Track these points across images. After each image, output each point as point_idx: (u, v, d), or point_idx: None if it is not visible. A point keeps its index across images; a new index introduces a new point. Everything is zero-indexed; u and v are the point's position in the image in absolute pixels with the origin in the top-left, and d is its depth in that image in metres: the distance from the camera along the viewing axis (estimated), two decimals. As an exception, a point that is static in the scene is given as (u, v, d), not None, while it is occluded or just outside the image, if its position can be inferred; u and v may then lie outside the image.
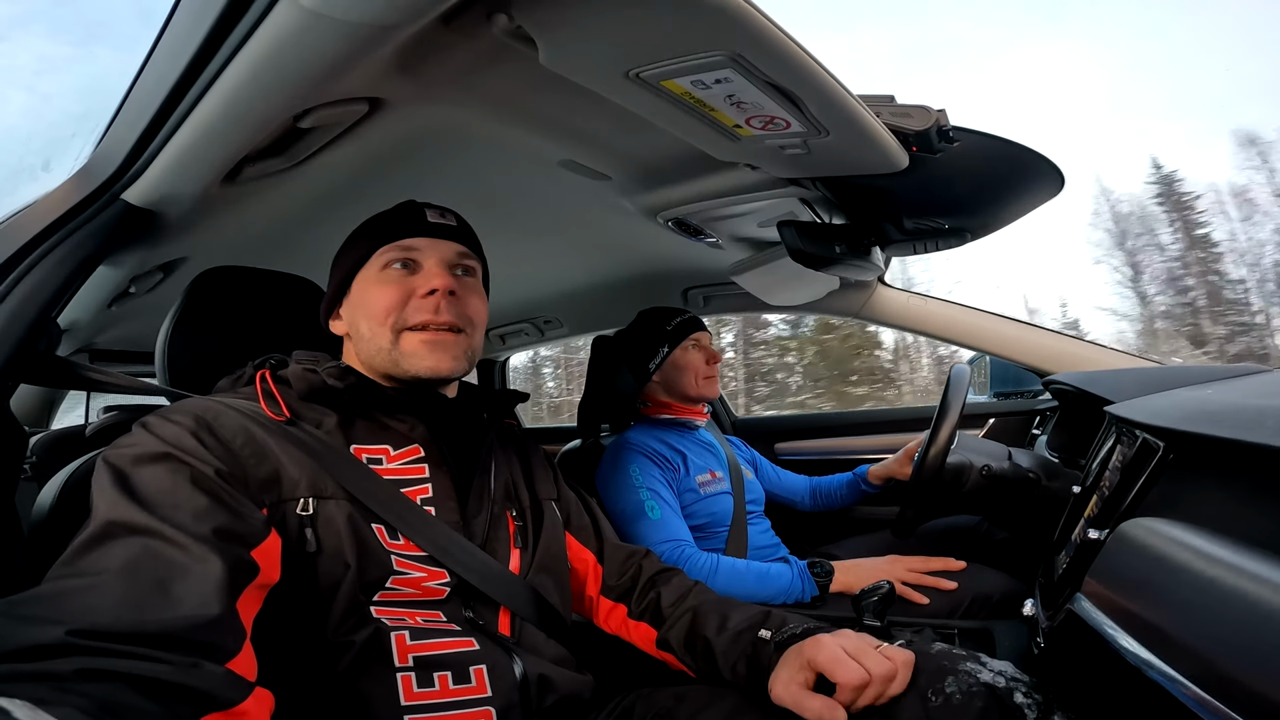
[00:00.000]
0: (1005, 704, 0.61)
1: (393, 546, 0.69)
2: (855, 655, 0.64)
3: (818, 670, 0.66)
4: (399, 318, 0.77)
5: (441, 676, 0.66)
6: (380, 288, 0.79)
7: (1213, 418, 0.63)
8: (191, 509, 0.57)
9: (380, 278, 0.79)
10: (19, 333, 0.73)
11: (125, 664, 0.45)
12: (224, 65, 0.62)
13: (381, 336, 0.77)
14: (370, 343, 0.78)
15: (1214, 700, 0.41)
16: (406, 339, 0.77)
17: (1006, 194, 1.11)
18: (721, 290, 1.84)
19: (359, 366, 0.82)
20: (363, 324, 0.79)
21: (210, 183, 0.81)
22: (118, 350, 1.74)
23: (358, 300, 0.81)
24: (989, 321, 1.69)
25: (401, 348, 0.77)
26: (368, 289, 0.79)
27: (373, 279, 0.80)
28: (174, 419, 0.64)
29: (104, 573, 0.51)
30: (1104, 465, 0.83)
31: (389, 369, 0.78)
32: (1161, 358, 1.60)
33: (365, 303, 0.79)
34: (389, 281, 0.79)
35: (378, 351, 0.78)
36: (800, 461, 2.02)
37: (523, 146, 0.99)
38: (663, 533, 1.24)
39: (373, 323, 0.78)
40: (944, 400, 1.18)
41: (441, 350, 0.78)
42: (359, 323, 0.80)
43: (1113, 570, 0.60)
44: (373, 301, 0.78)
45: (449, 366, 0.78)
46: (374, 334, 0.78)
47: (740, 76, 0.70)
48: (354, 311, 0.81)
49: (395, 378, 0.79)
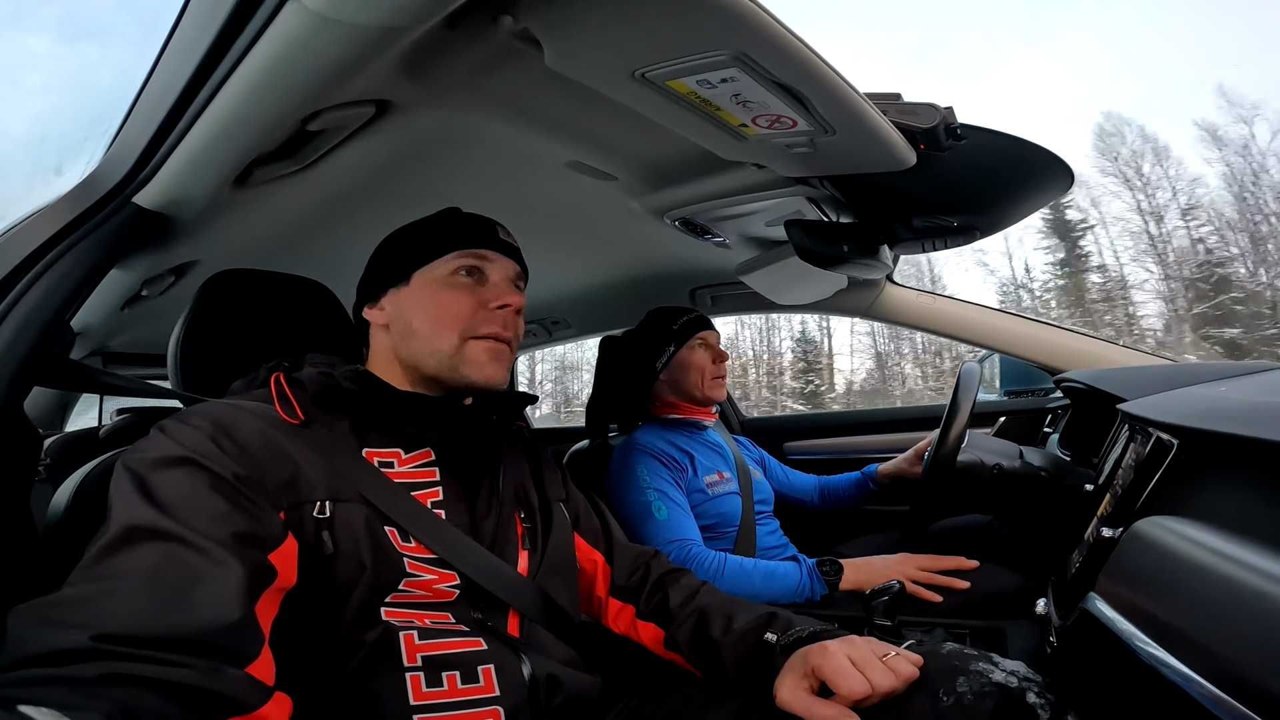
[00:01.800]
0: (1018, 704, 0.60)
1: (405, 549, 0.69)
2: (860, 666, 0.64)
3: (821, 678, 0.65)
4: (468, 325, 0.79)
5: (450, 676, 0.66)
6: (452, 292, 0.79)
7: (1227, 415, 0.63)
8: (211, 513, 0.57)
9: (451, 282, 0.80)
10: (33, 336, 0.74)
11: (148, 669, 0.46)
12: (232, 69, 0.63)
13: (446, 340, 0.78)
14: (427, 342, 0.79)
15: (1231, 699, 0.40)
16: (472, 347, 0.79)
17: (1015, 191, 1.11)
18: (729, 290, 1.83)
19: (386, 361, 0.82)
20: (421, 322, 0.79)
21: (220, 185, 0.82)
22: (130, 353, 1.75)
23: (419, 297, 0.80)
24: (999, 319, 1.68)
25: (465, 354, 0.78)
26: (437, 290, 0.80)
27: (442, 280, 0.80)
28: (192, 423, 0.64)
29: (126, 577, 0.51)
30: (1117, 463, 0.83)
31: (441, 372, 0.79)
32: (1175, 355, 1.59)
33: (432, 303, 0.79)
34: (460, 288, 0.80)
35: (433, 353, 0.78)
36: (809, 461, 2.01)
37: (529, 148, 0.99)
38: (670, 532, 1.24)
39: (439, 325, 0.78)
40: (954, 398, 1.18)
41: (499, 362, 0.80)
42: (413, 319, 0.79)
43: (1127, 569, 0.60)
44: (444, 304, 0.79)
45: (502, 378, 0.81)
46: (436, 336, 0.78)
47: (746, 76, 0.70)
48: (410, 307, 0.80)
49: (442, 381, 0.80)
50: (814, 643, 0.71)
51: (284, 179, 0.88)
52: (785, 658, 0.72)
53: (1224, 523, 0.52)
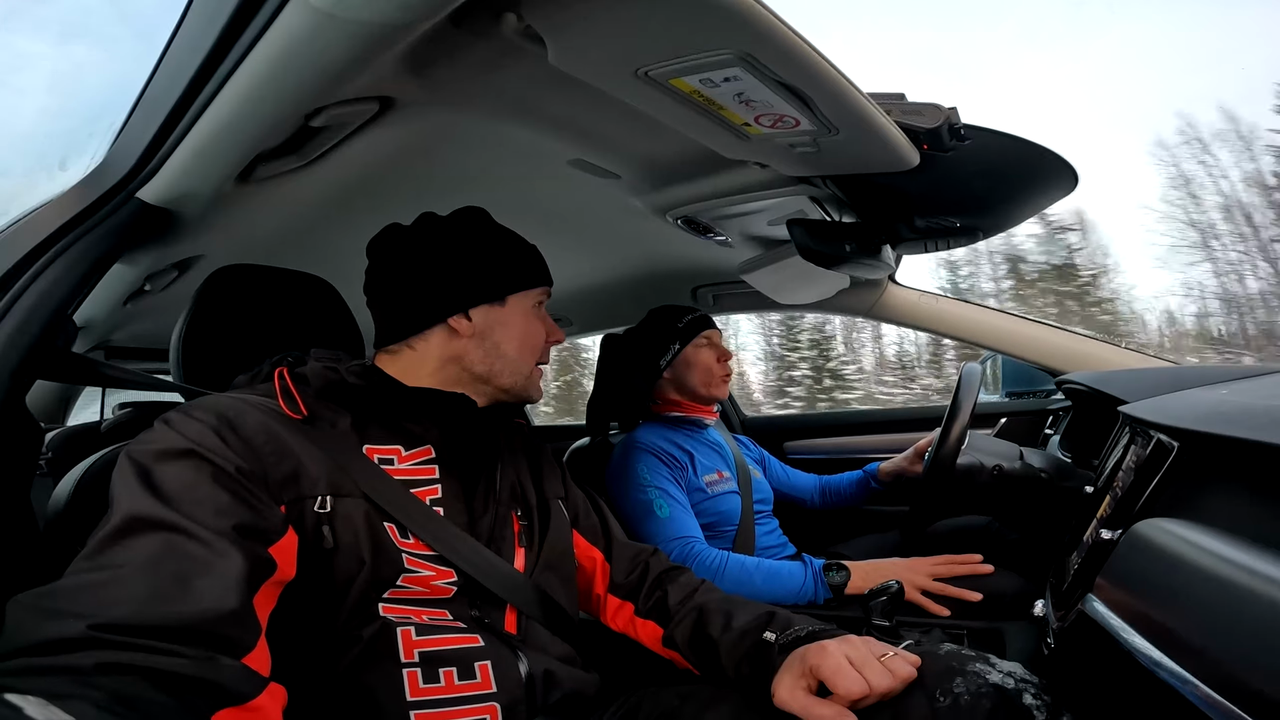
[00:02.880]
0: (1014, 705, 0.60)
1: (403, 545, 0.69)
2: (858, 666, 0.64)
3: (819, 678, 0.65)
4: (541, 355, 0.89)
5: (447, 672, 0.67)
6: (537, 324, 0.88)
7: (1227, 418, 0.63)
8: (213, 505, 0.57)
9: (537, 313, 0.89)
10: (36, 329, 0.74)
11: (143, 657, 0.46)
12: (236, 65, 0.63)
13: (527, 364, 0.87)
14: (513, 364, 0.85)
15: (1226, 702, 0.40)
16: (536, 372, 0.89)
17: (1019, 192, 1.10)
18: (731, 289, 1.83)
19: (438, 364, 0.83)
20: (510, 344, 0.85)
21: (224, 181, 0.82)
22: (133, 347, 1.75)
23: (513, 321, 0.85)
24: (1001, 320, 1.68)
25: (532, 378, 0.88)
26: (529, 318, 0.87)
27: (531, 311, 0.88)
28: (197, 416, 0.64)
29: (126, 566, 0.51)
30: (1117, 465, 0.83)
31: (514, 387, 0.86)
32: (1176, 357, 1.59)
33: (524, 330, 0.86)
34: (539, 320, 0.89)
35: (514, 372, 0.85)
36: (810, 460, 2.01)
37: (532, 146, 0.99)
38: (672, 530, 1.24)
39: (525, 351, 0.86)
40: (955, 399, 1.18)
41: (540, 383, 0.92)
42: (503, 339, 0.84)
43: (1125, 571, 0.60)
44: (532, 335, 0.87)
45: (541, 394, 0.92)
46: (522, 360, 0.86)
47: (749, 75, 0.70)
48: (500, 326, 0.84)
49: (511, 393, 0.87)
50: (812, 642, 0.71)
51: (287, 175, 0.88)
52: (783, 657, 0.72)
53: (1223, 526, 0.52)
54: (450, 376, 0.83)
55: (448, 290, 0.82)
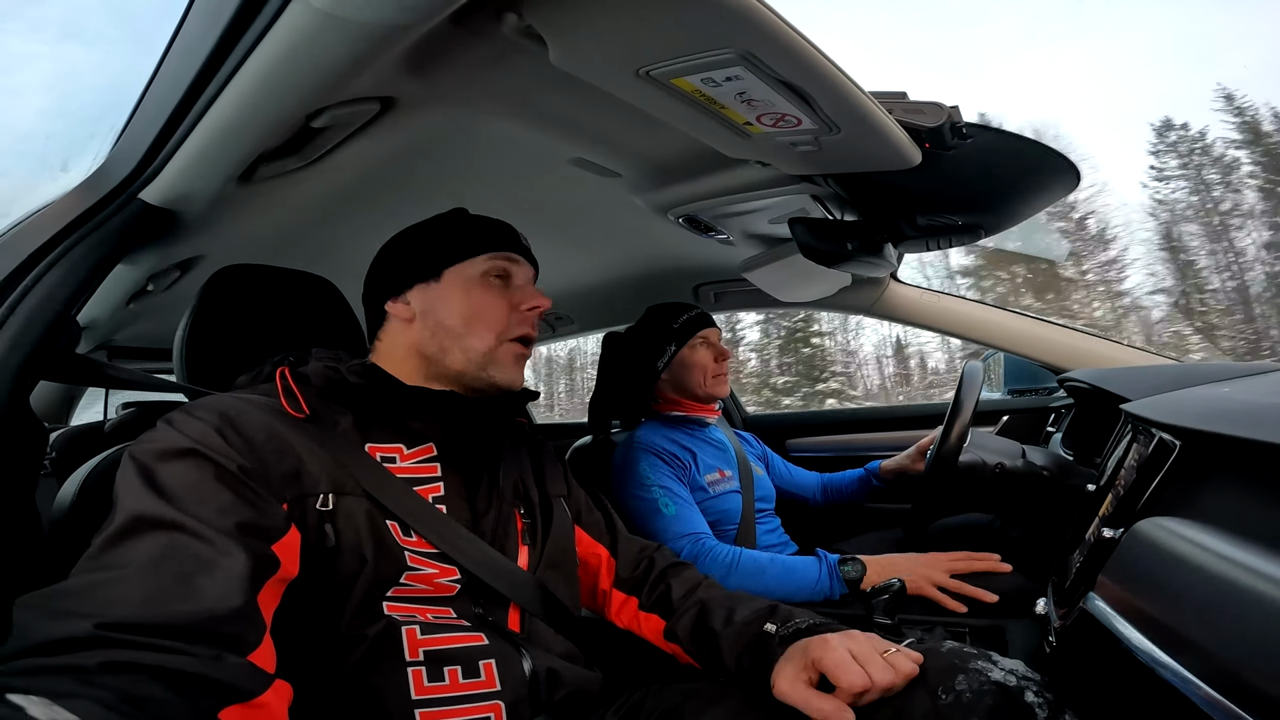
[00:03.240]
0: (1016, 703, 0.60)
1: (406, 543, 0.69)
2: (861, 660, 0.65)
3: (821, 671, 0.66)
4: (505, 328, 0.81)
5: (451, 671, 0.67)
6: (487, 294, 0.81)
7: (1230, 416, 0.63)
8: (216, 504, 0.58)
9: (485, 283, 0.82)
10: (39, 330, 0.74)
11: (149, 656, 0.46)
12: (238, 66, 0.63)
13: (482, 340, 0.80)
14: (459, 340, 0.80)
15: (1226, 701, 0.40)
16: (504, 350, 0.81)
17: (1021, 190, 1.10)
18: (733, 287, 1.83)
19: (401, 355, 0.82)
20: (453, 319, 0.80)
21: (226, 182, 0.82)
22: (136, 347, 1.76)
23: (451, 294, 0.81)
24: (1003, 318, 1.67)
25: (497, 356, 0.81)
26: (471, 290, 0.81)
27: (476, 281, 0.81)
28: (198, 415, 0.65)
29: (130, 566, 0.52)
30: (1119, 463, 0.83)
31: (468, 370, 0.80)
32: (1179, 355, 1.58)
33: (467, 302, 0.80)
34: (493, 289, 0.82)
35: (465, 350, 0.80)
36: (812, 458, 2.01)
37: (534, 145, 0.99)
38: (680, 527, 1.24)
39: (475, 325, 0.80)
40: (957, 396, 1.18)
41: (520, 366, 0.83)
42: (444, 315, 0.80)
43: (1127, 569, 0.60)
44: (480, 305, 0.80)
45: (522, 380, 0.83)
46: (472, 334, 0.80)
47: (750, 74, 0.70)
48: (440, 302, 0.81)
49: (465, 379, 0.81)
50: (813, 635, 0.71)
51: (289, 175, 0.88)
52: (784, 649, 0.72)
53: (1225, 524, 0.52)
54: (418, 369, 0.82)
55: (384, 278, 0.84)
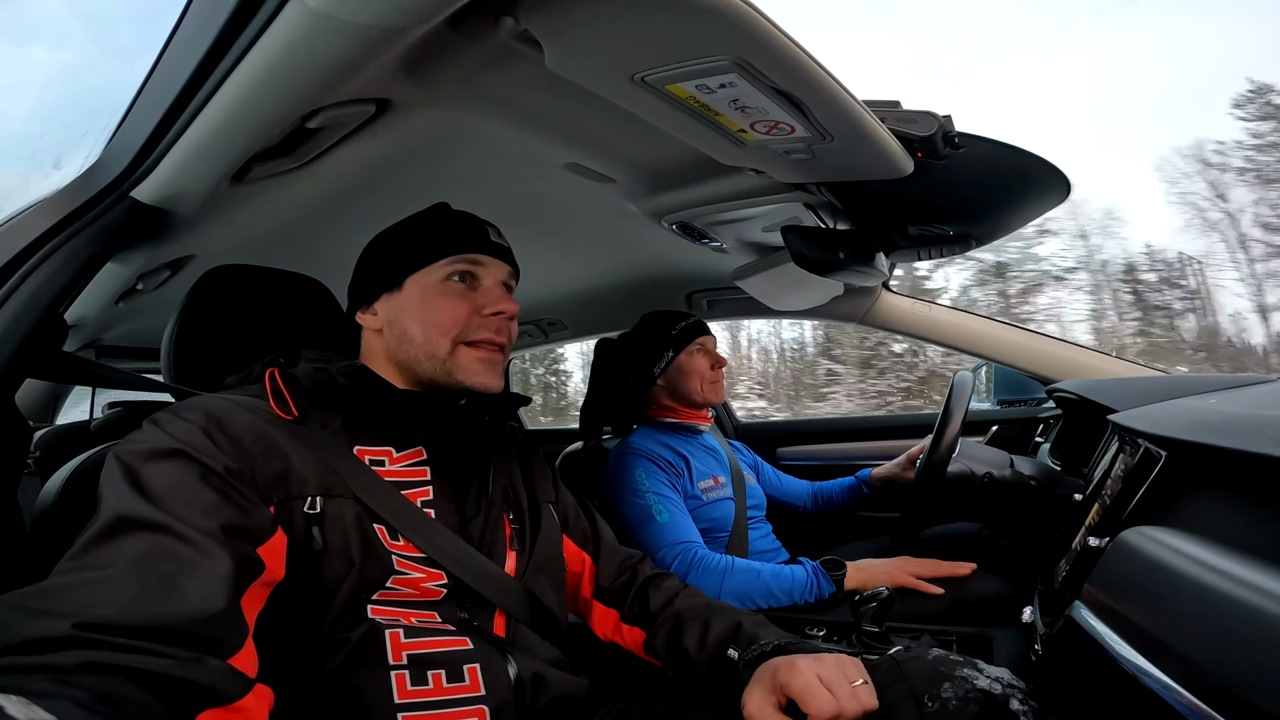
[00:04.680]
0: (1001, 710, 0.61)
1: (393, 547, 0.69)
2: (829, 685, 0.63)
3: (790, 696, 0.65)
4: (461, 332, 0.79)
5: (435, 675, 0.67)
6: (445, 299, 0.80)
7: (1214, 427, 0.63)
8: (201, 505, 0.57)
9: (444, 288, 0.80)
10: (26, 327, 0.74)
11: (128, 658, 0.46)
12: (233, 66, 0.63)
13: (439, 345, 0.79)
14: (421, 347, 0.79)
15: (1209, 709, 0.41)
16: (463, 353, 0.79)
17: (1012, 200, 1.11)
18: (726, 294, 1.84)
19: (381, 363, 0.82)
20: (414, 327, 0.79)
21: (219, 181, 0.82)
22: (124, 346, 1.74)
23: (412, 303, 0.80)
24: (993, 328, 1.68)
25: (458, 360, 0.79)
26: (429, 296, 0.80)
27: (435, 287, 0.80)
28: (185, 416, 0.64)
29: (112, 566, 0.51)
30: (1106, 473, 0.83)
31: (436, 375, 0.79)
32: (1167, 366, 1.60)
33: (425, 308, 0.79)
34: (453, 294, 0.80)
35: (429, 357, 0.79)
36: (802, 466, 2.02)
37: (528, 149, 0.99)
38: (674, 535, 1.24)
39: (433, 331, 0.79)
40: (947, 406, 1.19)
41: (492, 369, 0.81)
42: (407, 324, 0.80)
43: (1111, 578, 0.60)
44: (437, 310, 0.79)
45: (495, 384, 0.81)
46: (430, 340, 0.79)
47: (745, 81, 0.71)
48: (402, 312, 0.80)
49: (438, 383, 0.80)
50: (778, 655, 0.71)
51: (283, 176, 0.88)
52: (750, 672, 0.71)
53: (1208, 534, 0.53)
54: (399, 376, 0.82)
55: (356, 288, 0.85)
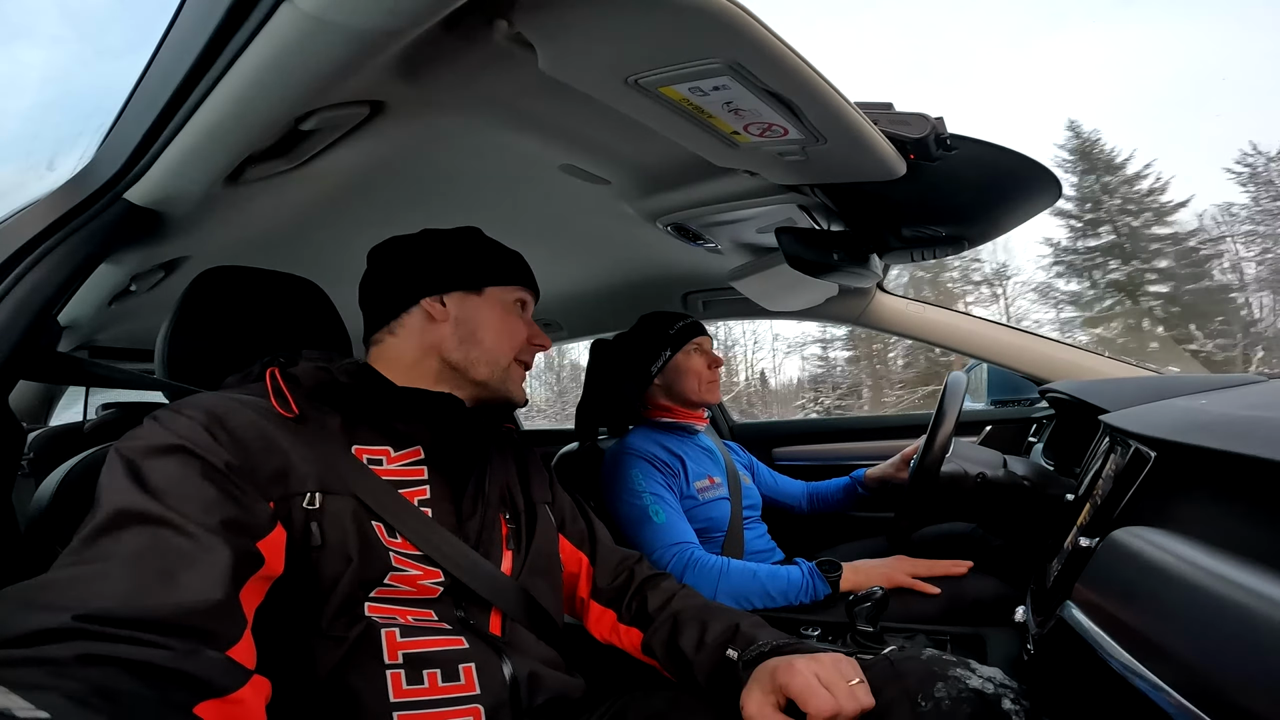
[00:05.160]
0: (994, 710, 0.61)
1: (391, 544, 0.69)
2: (828, 685, 0.64)
3: (789, 696, 0.66)
4: (520, 351, 0.89)
5: (431, 674, 0.67)
6: (516, 319, 0.89)
7: (1204, 428, 0.64)
8: (201, 500, 0.58)
9: (514, 309, 0.89)
10: (20, 329, 0.73)
11: (125, 649, 0.46)
12: (226, 68, 0.63)
13: (504, 357, 0.87)
14: (488, 352, 0.85)
15: (1197, 710, 0.41)
16: (515, 369, 0.89)
17: (1004, 201, 1.12)
18: (721, 295, 1.84)
19: (419, 352, 0.84)
20: (487, 334, 0.85)
21: (213, 183, 0.81)
22: (118, 348, 1.74)
23: (492, 313, 0.86)
24: (987, 329, 1.69)
25: (510, 374, 0.88)
26: (505, 314, 0.88)
27: (509, 307, 0.89)
28: (186, 413, 0.65)
29: (112, 559, 0.51)
30: (1097, 474, 0.84)
31: (490, 380, 0.86)
32: (1159, 366, 1.61)
33: (502, 322, 0.87)
34: (518, 317, 0.90)
35: (491, 364, 0.85)
36: (797, 466, 2.02)
37: (523, 151, 0.99)
38: (670, 536, 1.24)
39: (504, 343, 0.87)
40: (940, 406, 1.19)
41: (524, 384, 0.92)
42: (479, 328, 0.85)
43: (1102, 578, 0.60)
44: (512, 327, 0.88)
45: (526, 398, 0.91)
46: (498, 350, 0.86)
47: (738, 84, 0.71)
48: (480, 316, 0.86)
49: (488, 387, 0.86)
50: (776, 656, 0.71)
51: (276, 177, 0.88)
52: (749, 672, 0.72)
53: (1198, 533, 0.53)
54: (430, 370, 0.83)
55: (425, 274, 0.85)
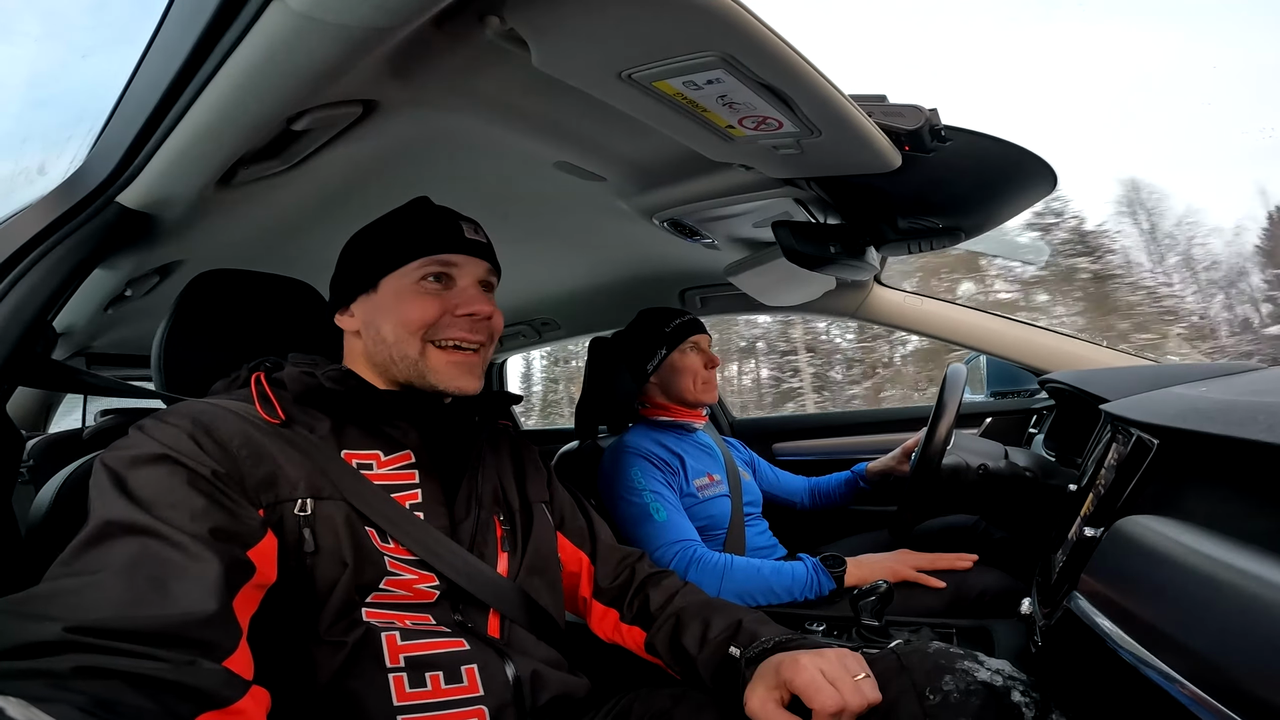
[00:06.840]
0: (1003, 702, 0.61)
1: (385, 549, 0.69)
2: (832, 680, 0.64)
3: (793, 691, 0.65)
4: (430, 330, 0.78)
5: (433, 676, 0.67)
6: (418, 299, 0.79)
7: (1205, 415, 0.64)
8: (189, 509, 0.57)
9: (417, 289, 0.79)
10: (15, 336, 0.73)
11: (122, 661, 0.46)
12: (216, 69, 0.62)
13: (410, 345, 0.78)
14: (393, 348, 0.78)
15: (1209, 697, 0.41)
16: (434, 355, 0.79)
17: (1000, 192, 1.11)
18: (718, 291, 1.84)
19: (362, 365, 0.82)
20: (387, 328, 0.79)
21: (205, 185, 0.81)
22: (114, 354, 1.74)
23: (386, 304, 0.80)
24: (986, 321, 1.69)
25: (429, 363, 0.78)
26: (402, 297, 0.79)
27: (409, 288, 0.79)
28: (171, 421, 0.64)
29: (102, 571, 0.51)
30: (1100, 463, 0.84)
31: (410, 377, 0.79)
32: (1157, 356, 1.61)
33: (397, 310, 0.79)
34: (426, 294, 0.79)
35: (401, 358, 0.78)
36: (798, 462, 2.02)
37: (517, 148, 0.99)
38: (672, 534, 1.24)
39: (402, 330, 0.78)
40: (940, 399, 1.19)
41: (468, 372, 0.80)
42: (381, 325, 0.79)
43: (1108, 568, 0.60)
44: (408, 311, 0.78)
45: (475, 386, 0.81)
46: (400, 341, 0.78)
47: (731, 77, 0.70)
48: (377, 313, 0.80)
49: (415, 386, 0.79)
50: (780, 652, 0.71)
51: (269, 179, 0.87)
52: (752, 669, 0.72)
53: (1202, 521, 0.53)
54: (381, 378, 0.81)
55: (335, 289, 0.85)
